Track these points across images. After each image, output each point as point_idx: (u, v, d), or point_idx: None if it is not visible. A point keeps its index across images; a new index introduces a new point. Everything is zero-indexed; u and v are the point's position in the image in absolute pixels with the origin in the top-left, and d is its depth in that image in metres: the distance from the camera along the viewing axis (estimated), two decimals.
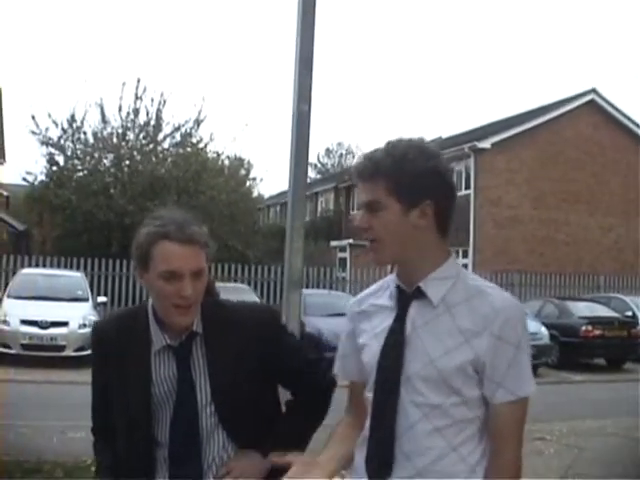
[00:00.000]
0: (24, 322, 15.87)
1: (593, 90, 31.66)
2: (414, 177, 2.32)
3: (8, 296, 17.20)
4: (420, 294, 2.37)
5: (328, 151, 71.77)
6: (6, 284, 19.92)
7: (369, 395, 2.42)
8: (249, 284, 24.85)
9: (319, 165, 71.76)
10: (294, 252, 7.34)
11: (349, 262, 32.28)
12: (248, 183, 37.35)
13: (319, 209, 45.50)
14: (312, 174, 70.22)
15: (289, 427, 2.78)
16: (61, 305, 16.60)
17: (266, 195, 50.38)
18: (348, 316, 2.63)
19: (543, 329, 18.85)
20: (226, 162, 33.53)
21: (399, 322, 2.38)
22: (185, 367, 2.65)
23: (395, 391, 2.33)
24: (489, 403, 2.31)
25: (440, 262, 2.39)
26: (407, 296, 2.40)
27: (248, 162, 39.13)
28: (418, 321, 2.36)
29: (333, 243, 32.18)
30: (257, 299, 20.54)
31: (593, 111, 31.41)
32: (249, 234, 30.97)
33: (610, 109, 31.75)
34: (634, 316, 21.91)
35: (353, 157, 69.20)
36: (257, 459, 2.67)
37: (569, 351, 19.58)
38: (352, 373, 2.58)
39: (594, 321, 20.04)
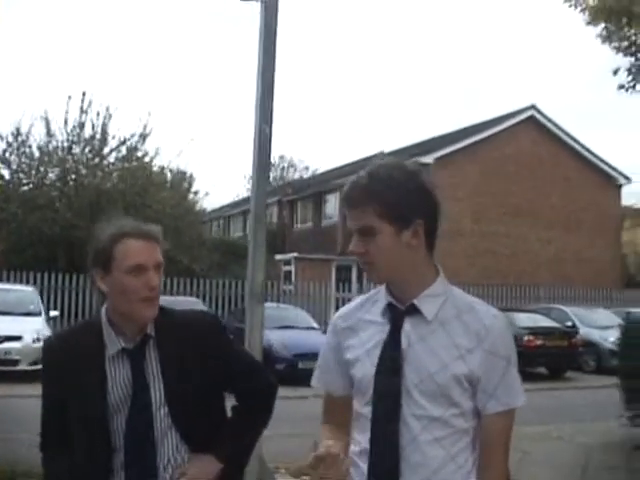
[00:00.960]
0: None
1: (532, 106, 32.39)
2: (403, 198, 2.38)
3: None
4: (414, 310, 2.44)
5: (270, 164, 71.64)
6: None
7: (364, 410, 2.47)
8: (197, 297, 24.88)
9: None
10: (257, 267, 7.69)
11: (294, 275, 32.53)
12: (191, 196, 37.44)
13: None
14: None
15: (236, 431, 2.87)
16: (14, 319, 16.61)
17: (208, 209, 50.42)
18: (332, 330, 2.66)
19: None
20: (168, 175, 33.52)
21: (394, 338, 2.44)
22: (139, 370, 2.72)
23: (397, 405, 2.39)
24: (481, 414, 2.42)
25: (432, 278, 2.47)
26: (400, 312, 2.46)
27: (190, 175, 39.19)
28: (413, 336, 2.42)
29: (278, 257, 32.39)
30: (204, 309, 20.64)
31: (533, 127, 32.14)
32: (194, 248, 30.97)
33: (549, 124, 32.50)
34: (574, 326, 22.53)
35: (295, 170, 69.11)
36: (210, 462, 2.75)
37: None
38: (334, 386, 2.62)
39: (536, 331, 20.46)
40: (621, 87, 11.25)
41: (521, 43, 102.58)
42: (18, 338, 16.13)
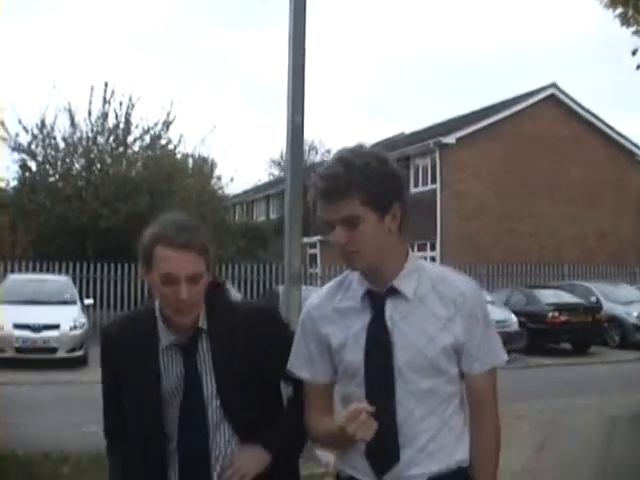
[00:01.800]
0: (17, 326, 16.28)
1: (553, 84, 32.29)
2: (382, 185, 2.43)
3: None
4: (394, 291, 2.51)
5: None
6: None
7: (355, 390, 2.52)
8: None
9: (282, 163, 71.53)
10: (293, 252, 8.07)
11: (319, 258, 32.79)
12: (214, 182, 37.59)
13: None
14: (276, 172, 70.33)
15: (289, 422, 2.82)
16: (51, 308, 17.00)
17: (230, 194, 50.62)
18: (307, 321, 2.67)
19: (512, 316, 19.38)
20: (190, 162, 33.61)
21: (378, 320, 2.49)
22: (191, 363, 2.71)
23: (391, 384, 2.47)
24: (466, 376, 2.53)
25: (404, 259, 2.55)
26: (381, 295, 2.52)
27: (212, 161, 39.26)
28: (396, 316, 2.49)
29: (304, 240, 32.68)
30: (239, 295, 20.94)
31: (553, 105, 32.01)
32: (219, 233, 31.14)
33: (570, 102, 32.39)
34: (598, 302, 22.62)
35: (316, 153, 69.10)
36: (258, 453, 2.73)
37: (537, 337, 20.14)
38: (320, 374, 2.65)
39: (560, 308, 20.63)
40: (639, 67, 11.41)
41: (541, 20, 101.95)
42: (56, 326, 16.53)
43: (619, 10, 10.89)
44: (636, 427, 10.11)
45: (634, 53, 11.28)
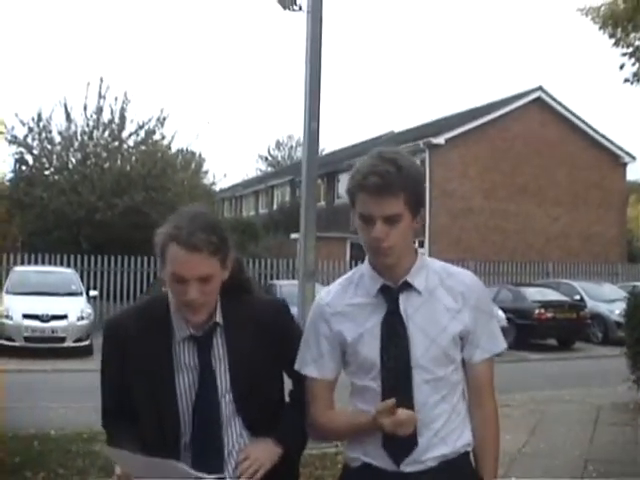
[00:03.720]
0: (26, 316, 16.86)
1: (540, 88, 32.88)
2: (420, 187, 2.59)
3: (7, 292, 18.08)
4: (407, 286, 2.61)
5: (278, 143, 70.93)
6: None
7: (371, 383, 2.61)
8: None
9: (270, 158, 71.57)
10: (308, 248, 8.69)
11: None
12: (205, 178, 37.97)
13: (275, 202, 45.84)
14: (263, 167, 70.53)
15: (294, 416, 2.83)
16: (58, 299, 17.57)
17: (217, 189, 50.84)
18: (320, 318, 2.72)
19: (500, 313, 19.50)
20: (180, 157, 33.91)
21: (394, 314, 2.59)
22: (206, 356, 2.70)
23: (408, 375, 2.56)
24: (467, 363, 2.66)
25: (415, 255, 2.68)
26: (395, 290, 2.62)
27: (200, 155, 39.48)
28: (409, 309, 2.59)
29: (294, 235, 33.13)
30: None
31: (540, 108, 32.63)
32: None
33: (556, 105, 33.00)
34: (582, 300, 23.20)
35: None
36: (270, 446, 2.73)
37: (524, 333, 20.72)
38: (328, 371, 2.72)
39: (546, 305, 21.24)
40: (626, 81, 11.98)
41: (529, 25, 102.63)
42: (64, 317, 17.11)
43: (609, 31, 11.45)
44: (617, 414, 10.74)
45: (621, 67, 11.90)
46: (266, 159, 71.12)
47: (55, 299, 17.51)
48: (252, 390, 2.71)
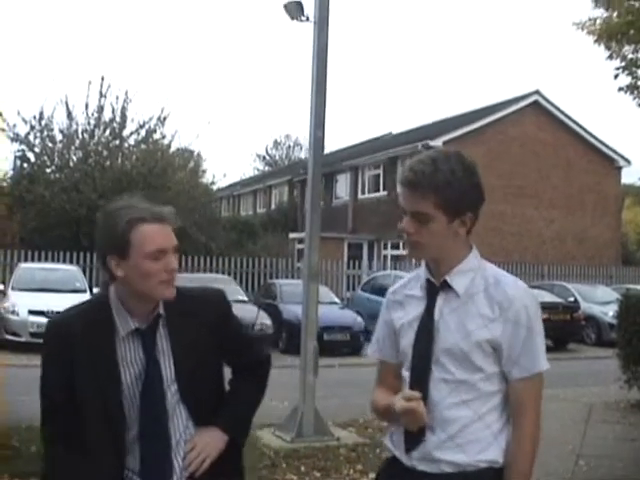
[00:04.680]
0: (32, 312, 17.07)
1: (537, 92, 33.10)
2: (461, 194, 2.56)
3: (12, 288, 18.41)
4: (447, 286, 2.64)
5: (276, 143, 71.19)
6: None
7: (405, 374, 2.71)
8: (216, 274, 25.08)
9: (267, 157, 71.57)
10: (313, 249, 9.00)
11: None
12: (205, 177, 38.08)
13: (273, 202, 46.16)
14: (261, 166, 70.61)
15: (237, 404, 2.91)
16: (63, 296, 17.41)
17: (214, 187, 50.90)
18: (385, 305, 2.86)
19: None
20: (179, 156, 33.85)
21: (428, 311, 2.65)
22: (151, 348, 2.73)
23: (427, 370, 2.60)
24: (507, 379, 2.61)
25: (464, 256, 2.66)
26: (435, 288, 2.66)
27: (198, 154, 39.59)
28: (445, 309, 2.62)
29: (292, 235, 33.45)
30: (240, 289, 21.60)
31: (537, 111, 32.88)
32: (211, 226, 31.47)
33: (552, 109, 33.25)
34: (576, 301, 23.47)
35: (301, 149, 69.37)
36: (217, 434, 2.80)
37: None
38: (387, 354, 2.84)
39: (541, 306, 21.38)
40: (620, 89, 12.26)
41: (527, 30, 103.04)
42: None
43: (604, 44, 11.76)
44: (608, 412, 11.06)
45: (616, 77, 12.20)
46: (264, 158, 71.08)
47: (60, 296, 17.55)
48: (196, 379, 2.75)
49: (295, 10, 9.21)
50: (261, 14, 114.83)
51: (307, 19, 9.08)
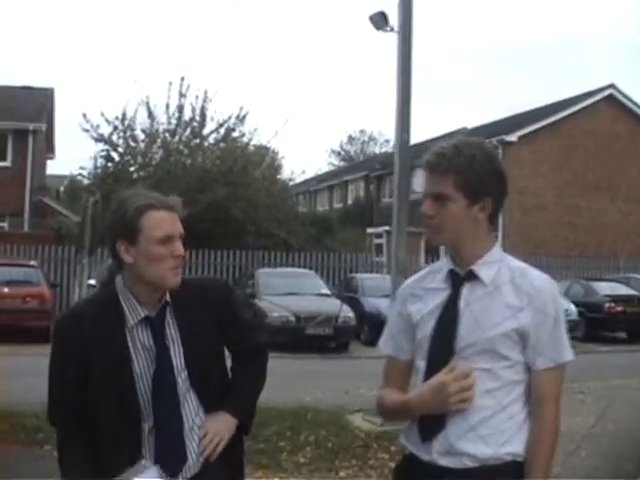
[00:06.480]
0: None
1: (612, 85, 33.05)
2: (481, 177, 2.55)
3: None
4: (472, 276, 2.59)
5: (351, 138, 71.67)
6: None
7: (420, 364, 2.64)
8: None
9: (342, 152, 71.92)
10: (400, 245, 9.56)
11: (385, 248, 33.83)
12: (284, 173, 38.63)
13: (349, 197, 46.63)
14: (336, 162, 71.14)
15: (244, 388, 2.95)
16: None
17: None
18: (399, 299, 2.81)
19: (572, 306, 20.36)
20: (260, 153, 33.88)
21: (453, 300, 2.59)
22: (161, 336, 2.75)
23: (447, 358, 2.52)
24: (530, 369, 2.54)
25: (488, 247, 2.63)
26: (460, 277, 2.61)
27: (273, 150, 40.14)
28: (470, 298, 2.57)
29: (369, 230, 33.72)
30: (322, 283, 21.98)
31: (611, 105, 32.81)
32: (289, 222, 31.66)
33: (627, 102, 33.14)
34: None
35: (375, 144, 69.59)
36: (227, 418, 2.83)
37: (594, 326, 21.31)
38: (401, 350, 2.74)
39: (616, 299, 21.72)
40: None
41: (600, 24, 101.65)
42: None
43: None
44: None
45: None
46: (338, 154, 71.49)
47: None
48: (205, 366, 2.79)
49: (380, 21, 9.69)
50: (337, 15, 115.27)
51: (392, 29, 9.57)
